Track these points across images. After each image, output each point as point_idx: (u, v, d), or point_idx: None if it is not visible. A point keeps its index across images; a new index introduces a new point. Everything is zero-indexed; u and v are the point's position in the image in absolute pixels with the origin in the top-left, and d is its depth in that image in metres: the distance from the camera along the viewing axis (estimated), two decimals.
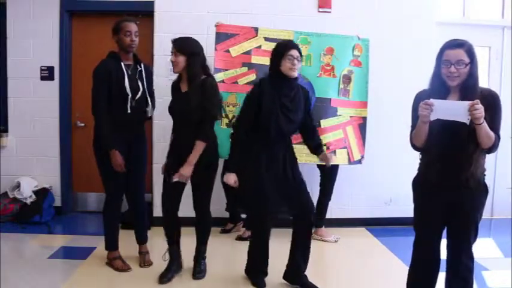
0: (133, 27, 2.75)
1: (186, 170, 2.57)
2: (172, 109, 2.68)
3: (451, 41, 1.97)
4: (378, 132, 3.84)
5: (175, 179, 2.57)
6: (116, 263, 2.88)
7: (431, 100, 1.88)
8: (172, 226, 2.79)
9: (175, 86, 2.72)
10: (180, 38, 2.64)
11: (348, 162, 3.60)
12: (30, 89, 4.08)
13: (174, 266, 2.78)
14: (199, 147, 2.58)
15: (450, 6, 4.32)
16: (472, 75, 1.93)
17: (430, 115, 1.89)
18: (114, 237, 2.92)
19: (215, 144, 2.73)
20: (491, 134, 1.88)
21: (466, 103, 1.82)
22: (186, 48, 2.57)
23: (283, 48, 2.53)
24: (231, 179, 2.58)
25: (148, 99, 2.84)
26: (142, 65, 2.85)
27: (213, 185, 2.79)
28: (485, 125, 1.85)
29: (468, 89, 1.93)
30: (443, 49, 1.97)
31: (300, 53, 2.54)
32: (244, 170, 2.60)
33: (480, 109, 1.80)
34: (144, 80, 2.83)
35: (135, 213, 3.05)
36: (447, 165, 1.98)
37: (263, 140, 2.57)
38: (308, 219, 2.61)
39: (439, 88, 1.99)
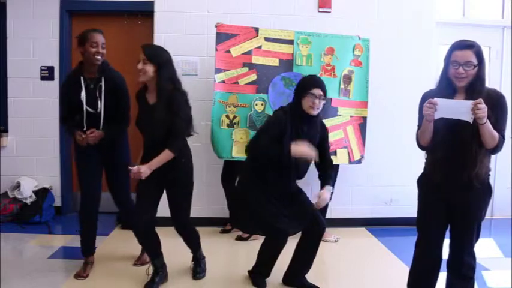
0: (100, 38, 2.60)
1: (144, 170, 2.38)
2: (139, 122, 2.53)
3: (459, 42, 1.96)
4: (377, 132, 3.84)
5: (133, 171, 2.39)
6: (80, 269, 2.78)
7: (435, 99, 1.89)
8: (152, 239, 2.62)
9: (141, 97, 2.56)
10: (151, 45, 2.51)
11: (348, 162, 3.60)
12: (30, 89, 4.08)
13: (157, 277, 2.61)
14: (165, 155, 2.41)
15: (450, 6, 4.32)
16: (480, 77, 1.93)
17: (434, 114, 1.89)
18: (85, 240, 2.81)
19: (188, 160, 2.61)
20: (495, 134, 1.88)
21: (470, 102, 1.83)
22: (157, 58, 2.41)
23: (306, 85, 2.48)
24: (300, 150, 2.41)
25: (102, 118, 2.64)
26: (102, 79, 2.64)
27: (188, 200, 2.64)
28: (488, 125, 1.85)
29: (475, 90, 1.92)
30: (451, 50, 1.96)
31: (324, 91, 2.47)
32: (251, 194, 2.58)
33: (483, 108, 1.80)
34: (103, 94, 2.64)
35: (125, 214, 3.02)
36: (452, 165, 1.98)
37: (274, 172, 2.51)
38: (319, 230, 2.57)
39: (445, 88, 1.99)
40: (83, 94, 2.61)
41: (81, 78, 2.63)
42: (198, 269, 2.81)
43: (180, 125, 2.44)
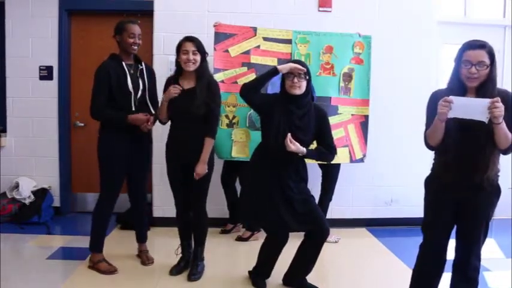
0: (137, 29, 2.76)
1: (200, 168, 2.64)
2: (174, 106, 2.66)
3: (471, 42, 1.93)
4: (378, 132, 3.82)
5: (196, 178, 2.65)
6: (101, 265, 2.83)
7: (451, 97, 1.85)
8: (184, 224, 2.87)
9: (174, 83, 2.70)
10: (195, 37, 2.70)
11: (349, 160, 3.58)
12: (29, 88, 4.07)
13: (182, 262, 2.87)
14: (209, 144, 2.66)
15: (451, 5, 4.29)
16: (492, 77, 1.90)
17: (448, 113, 1.86)
18: (100, 239, 2.89)
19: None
20: (509, 134, 1.85)
21: (486, 101, 1.79)
22: (203, 48, 2.68)
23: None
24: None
25: (147, 97, 2.82)
26: (143, 64, 2.86)
27: (208, 185, 2.78)
28: (504, 125, 1.82)
29: (487, 90, 1.89)
30: (463, 49, 1.93)
31: (306, 69, 2.46)
32: (249, 184, 2.62)
33: (500, 107, 1.77)
34: (146, 78, 2.83)
35: (136, 212, 3.06)
36: (464, 167, 1.95)
37: (267, 157, 2.51)
38: (322, 234, 2.52)
39: (456, 88, 1.95)
40: (129, 79, 2.72)
41: (124, 64, 2.75)
42: (194, 270, 2.79)
43: (216, 110, 2.68)
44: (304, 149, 2.42)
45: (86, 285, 2.67)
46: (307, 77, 2.48)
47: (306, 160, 2.61)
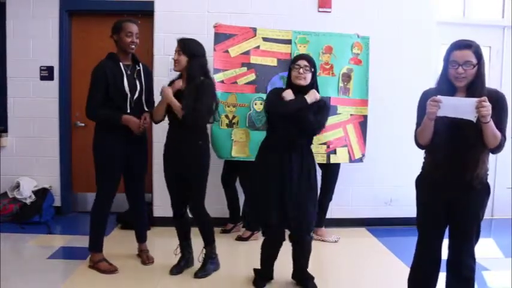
0: (135, 28, 2.76)
1: (167, 88, 2.65)
2: (170, 109, 2.68)
3: (458, 42, 1.94)
4: (377, 132, 3.83)
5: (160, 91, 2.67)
6: (101, 265, 2.83)
7: (439, 97, 1.87)
8: (181, 224, 2.87)
9: (171, 84, 2.74)
10: (185, 39, 2.70)
11: (348, 160, 3.59)
12: (29, 89, 4.08)
13: (182, 262, 2.86)
14: (179, 109, 2.58)
15: (450, 6, 4.31)
16: (480, 76, 1.91)
17: (437, 112, 1.88)
18: (100, 238, 2.89)
19: (206, 145, 2.76)
20: (498, 133, 1.87)
21: (474, 100, 1.81)
22: (189, 49, 2.65)
23: (292, 61, 2.63)
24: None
25: (143, 99, 2.83)
26: (141, 65, 2.86)
27: (204, 186, 2.78)
28: (491, 124, 1.84)
29: (475, 89, 1.91)
30: (450, 50, 1.94)
31: (311, 63, 2.54)
32: (253, 176, 2.65)
33: (487, 106, 1.79)
34: (143, 79, 2.83)
35: (135, 213, 3.06)
36: (453, 165, 1.96)
37: (272, 146, 2.56)
38: (297, 234, 2.55)
39: (445, 88, 1.97)
40: (125, 80, 2.71)
41: (121, 64, 2.74)
42: (202, 268, 2.81)
43: (201, 109, 2.59)
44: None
45: (87, 284, 2.68)
46: (313, 70, 2.55)
47: None
